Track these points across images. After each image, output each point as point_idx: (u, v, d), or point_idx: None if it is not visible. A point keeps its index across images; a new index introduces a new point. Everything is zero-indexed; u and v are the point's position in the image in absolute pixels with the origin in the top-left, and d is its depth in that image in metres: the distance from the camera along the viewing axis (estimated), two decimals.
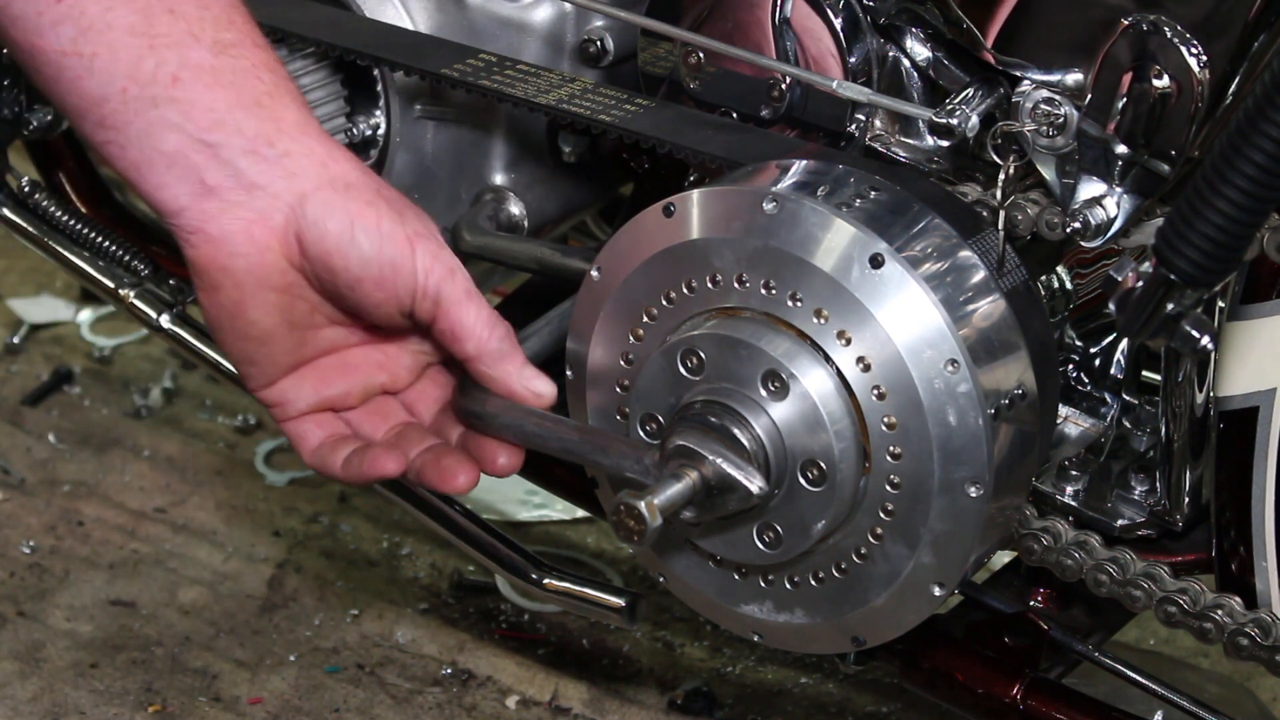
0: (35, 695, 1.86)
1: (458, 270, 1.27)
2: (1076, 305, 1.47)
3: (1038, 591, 1.52)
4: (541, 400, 1.30)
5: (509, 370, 1.29)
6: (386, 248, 1.24)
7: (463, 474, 1.29)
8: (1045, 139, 1.31)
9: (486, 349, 1.29)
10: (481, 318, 1.28)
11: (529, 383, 1.30)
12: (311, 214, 1.23)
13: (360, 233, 1.24)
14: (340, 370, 1.31)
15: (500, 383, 1.29)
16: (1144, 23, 1.26)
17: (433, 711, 1.87)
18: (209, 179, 1.21)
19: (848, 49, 1.41)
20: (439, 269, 1.26)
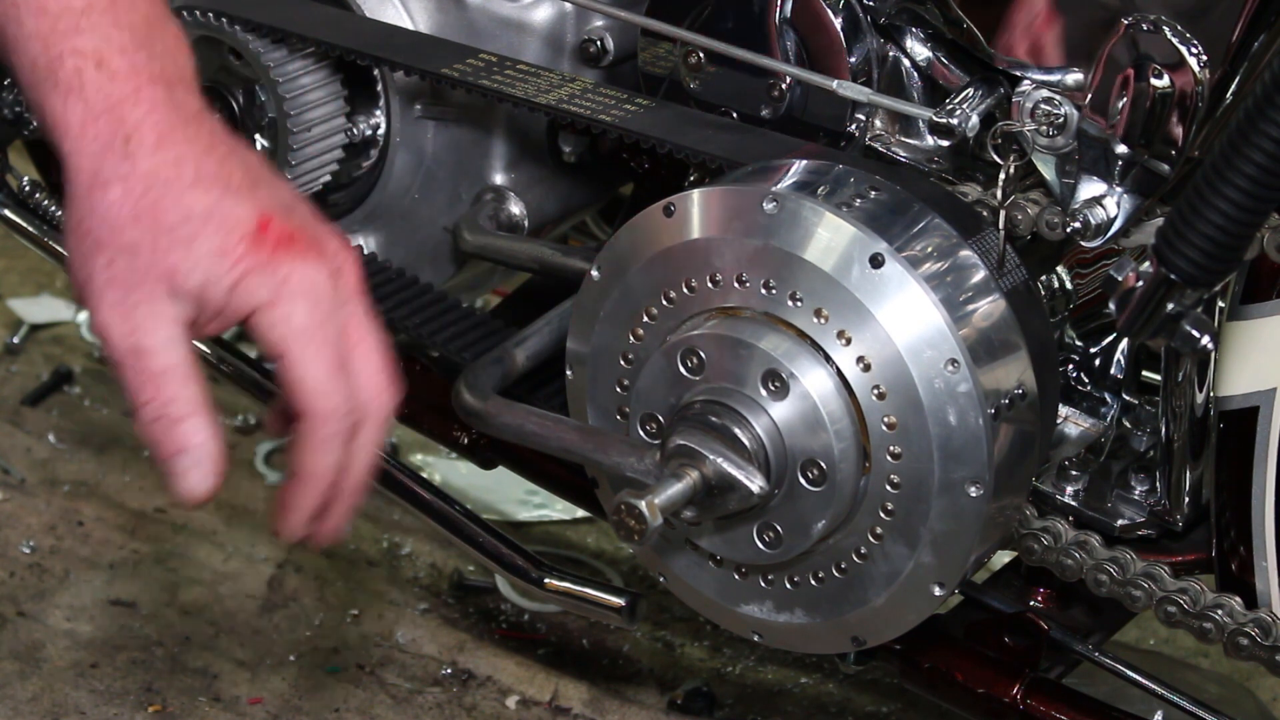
0: (35, 695, 1.86)
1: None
2: (1076, 305, 1.48)
3: (1038, 591, 1.52)
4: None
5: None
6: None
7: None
8: (1045, 139, 1.31)
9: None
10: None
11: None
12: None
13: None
14: None
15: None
16: (1144, 23, 1.26)
17: (433, 711, 1.87)
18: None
19: (848, 49, 1.41)
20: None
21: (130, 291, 1.17)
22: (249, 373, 1.76)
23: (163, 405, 1.18)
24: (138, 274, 1.16)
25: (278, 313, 1.18)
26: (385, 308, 1.65)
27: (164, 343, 1.18)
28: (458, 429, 1.68)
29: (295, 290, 1.18)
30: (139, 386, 1.18)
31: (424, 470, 2.25)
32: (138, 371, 1.18)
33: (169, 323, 1.17)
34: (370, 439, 1.24)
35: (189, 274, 1.16)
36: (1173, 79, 1.26)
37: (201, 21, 1.64)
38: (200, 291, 1.17)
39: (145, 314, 1.17)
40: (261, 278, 1.17)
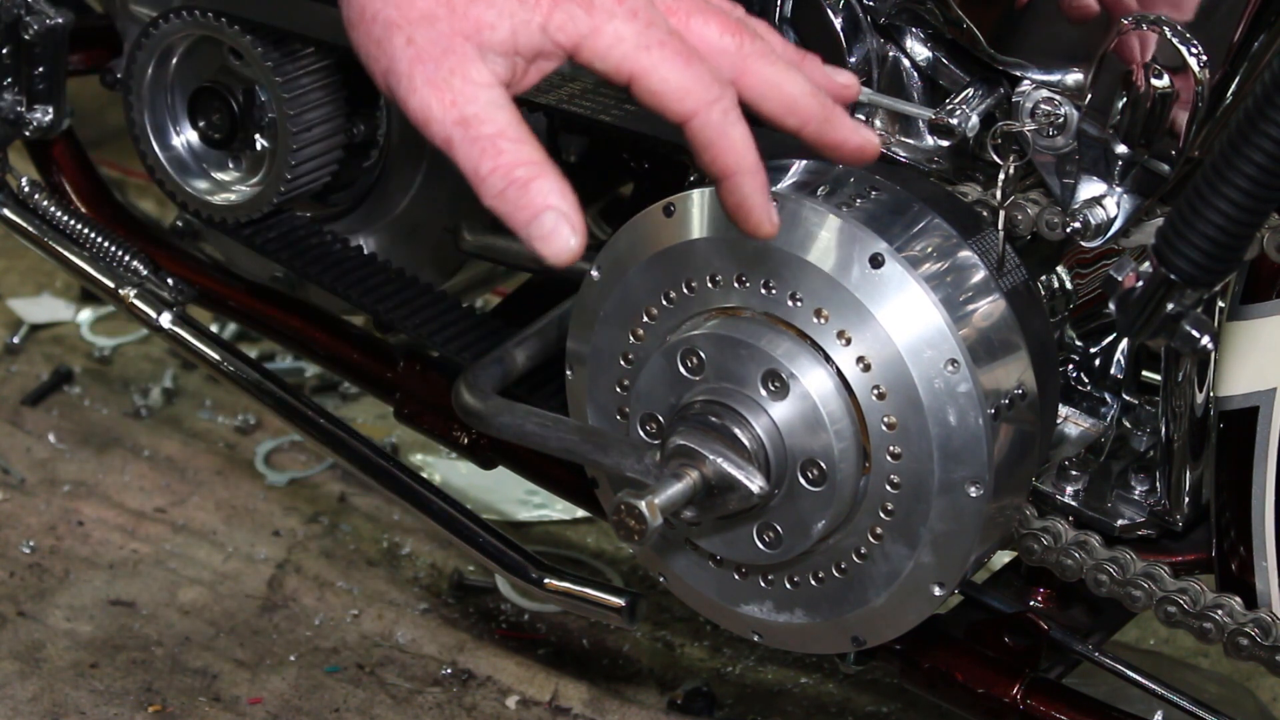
0: (35, 695, 1.86)
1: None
2: (1076, 305, 1.48)
3: (1038, 591, 1.52)
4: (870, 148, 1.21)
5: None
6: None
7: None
8: (1045, 139, 1.31)
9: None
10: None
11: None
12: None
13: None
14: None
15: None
16: (1144, 23, 1.26)
17: (433, 711, 1.87)
18: None
19: (848, 49, 1.41)
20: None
21: (440, 62, 1.12)
22: (249, 373, 1.76)
23: (508, 170, 1.12)
24: (442, 41, 1.12)
25: (605, 37, 1.13)
26: (385, 308, 1.65)
27: (489, 106, 1.12)
28: (458, 429, 1.68)
29: (610, 7, 1.13)
30: (477, 158, 1.12)
31: (424, 470, 2.25)
32: (470, 142, 1.12)
33: (488, 85, 1.12)
34: (768, 72, 1.18)
35: (495, 25, 1.12)
36: (1173, 79, 1.26)
37: (201, 21, 1.64)
38: (511, 41, 1.13)
39: (461, 81, 1.12)
40: (571, 8, 1.13)
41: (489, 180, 1.12)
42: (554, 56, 1.14)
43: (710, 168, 1.16)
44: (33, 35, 1.76)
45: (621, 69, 1.14)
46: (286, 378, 2.17)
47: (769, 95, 1.19)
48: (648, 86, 1.14)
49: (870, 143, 1.22)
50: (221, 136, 1.71)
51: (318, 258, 1.70)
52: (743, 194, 1.16)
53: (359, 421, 2.34)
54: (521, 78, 1.14)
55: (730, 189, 1.16)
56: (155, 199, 2.63)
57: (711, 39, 1.17)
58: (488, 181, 1.12)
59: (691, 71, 1.14)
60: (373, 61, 1.14)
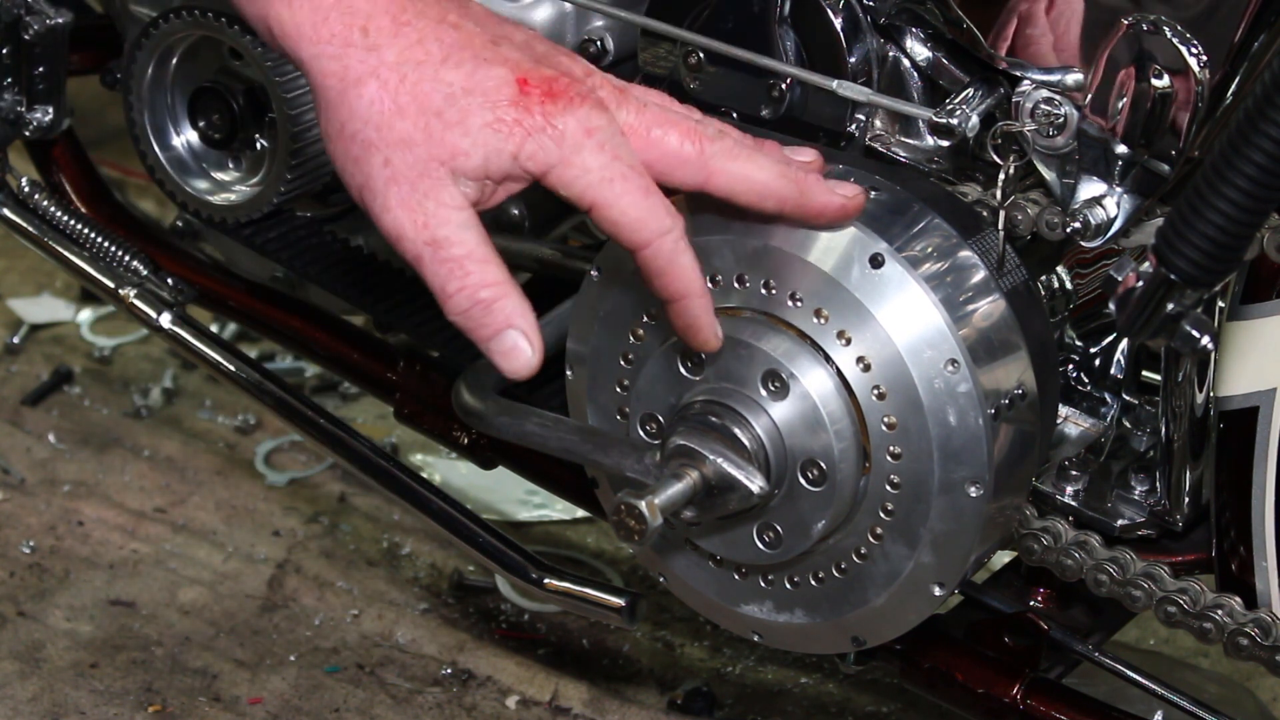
0: (35, 695, 1.86)
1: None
2: (1076, 305, 1.47)
3: (1038, 591, 1.52)
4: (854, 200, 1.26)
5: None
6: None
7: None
8: (1045, 139, 1.31)
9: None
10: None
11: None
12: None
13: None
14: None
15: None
16: (1144, 23, 1.26)
17: (433, 711, 1.87)
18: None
19: (848, 49, 1.41)
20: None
21: (415, 185, 1.16)
22: (249, 373, 1.76)
23: (473, 291, 1.18)
24: (418, 165, 1.16)
25: (572, 169, 1.18)
26: (385, 308, 1.65)
27: (459, 228, 1.17)
28: (458, 429, 1.68)
29: (579, 140, 1.18)
30: (445, 277, 1.17)
31: (424, 470, 2.25)
32: (439, 263, 1.17)
33: (459, 208, 1.17)
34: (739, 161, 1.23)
35: (469, 153, 1.16)
36: (1173, 79, 1.26)
37: (201, 21, 1.64)
38: (483, 167, 1.17)
39: (434, 204, 1.17)
40: (542, 139, 1.17)
41: (455, 299, 1.18)
42: (522, 180, 1.19)
43: (661, 292, 1.22)
44: (33, 35, 1.76)
45: (584, 198, 1.19)
46: (286, 378, 2.17)
47: (740, 189, 1.24)
48: (607, 216, 1.19)
49: (852, 197, 1.26)
50: (221, 136, 1.71)
51: (318, 258, 1.70)
52: (691, 315, 1.23)
53: (359, 421, 2.34)
54: (489, 198, 1.19)
55: (679, 311, 1.23)
56: (155, 199, 2.64)
57: (673, 148, 1.22)
58: (454, 299, 1.18)
59: (648, 204, 1.19)
60: (348, 176, 1.19)
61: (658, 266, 1.21)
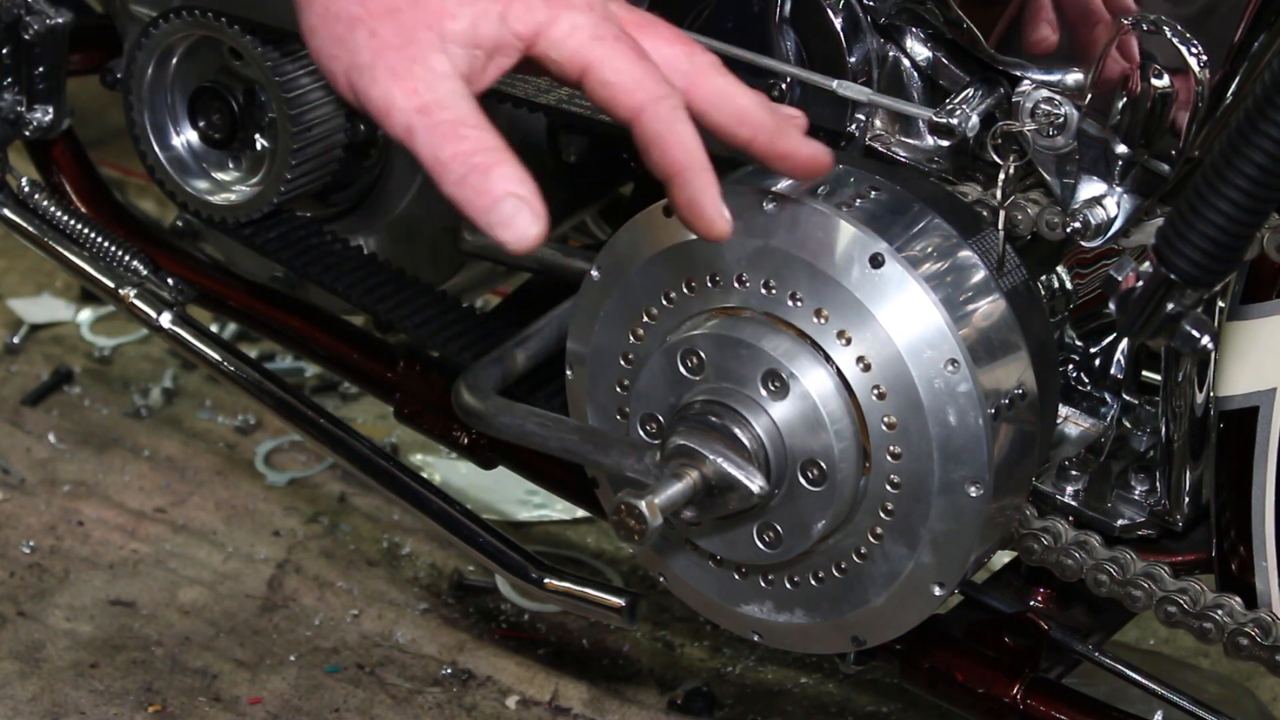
0: (35, 695, 1.86)
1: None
2: (1076, 305, 1.48)
3: (1038, 591, 1.52)
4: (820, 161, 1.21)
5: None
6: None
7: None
8: (1045, 139, 1.31)
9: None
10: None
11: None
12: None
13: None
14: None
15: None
16: (1144, 23, 1.26)
17: (433, 711, 1.87)
18: None
19: (848, 49, 1.41)
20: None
21: (403, 51, 1.12)
22: (249, 373, 1.76)
23: (469, 155, 1.11)
24: (405, 31, 1.13)
25: (562, 26, 1.14)
26: (385, 308, 1.65)
27: (451, 94, 1.13)
28: (458, 429, 1.68)
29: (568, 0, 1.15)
30: (439, 143, 1.12)
31: (424, 470, 2.25)
32: (431, 129, 1.12)
33: (449, 75, 1.13)
34: (719, 84, 1.19)
35: (456, 15, 1.13)
36: (1173, 79, 1.26)
37: (201, 21, 1.64)
38: (471, 31, 1.13)
39: (424, 69, 1.12)
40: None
41: (450, 166, 1.11)
42: (512, 51, 1.15)
43: (659, 164, 1.15)
44: (33, 35, 1.76)
45: (576, 59, 1.14)
46: (286, 378, 2.17)
47: (720, 105, 1.19)
48: (600, 77, 1.14)
49: (821, 154, 1.22)
50: (221, 136, 1.71)
51: (318, 258, 1.70)
52: (694, 189, 1.16)
53: (359, 421, 2.34)
54: (480, 73, 1.15)
55: (680, 186, 1.16)
56: (155, 199, 2.63)
57: (665, 50, 1.18)
58: (448, 167, 1.11)
59: (644, 65, 1.14)
60: (334, 61, 1.15)
61: (655, 132, 1.14)
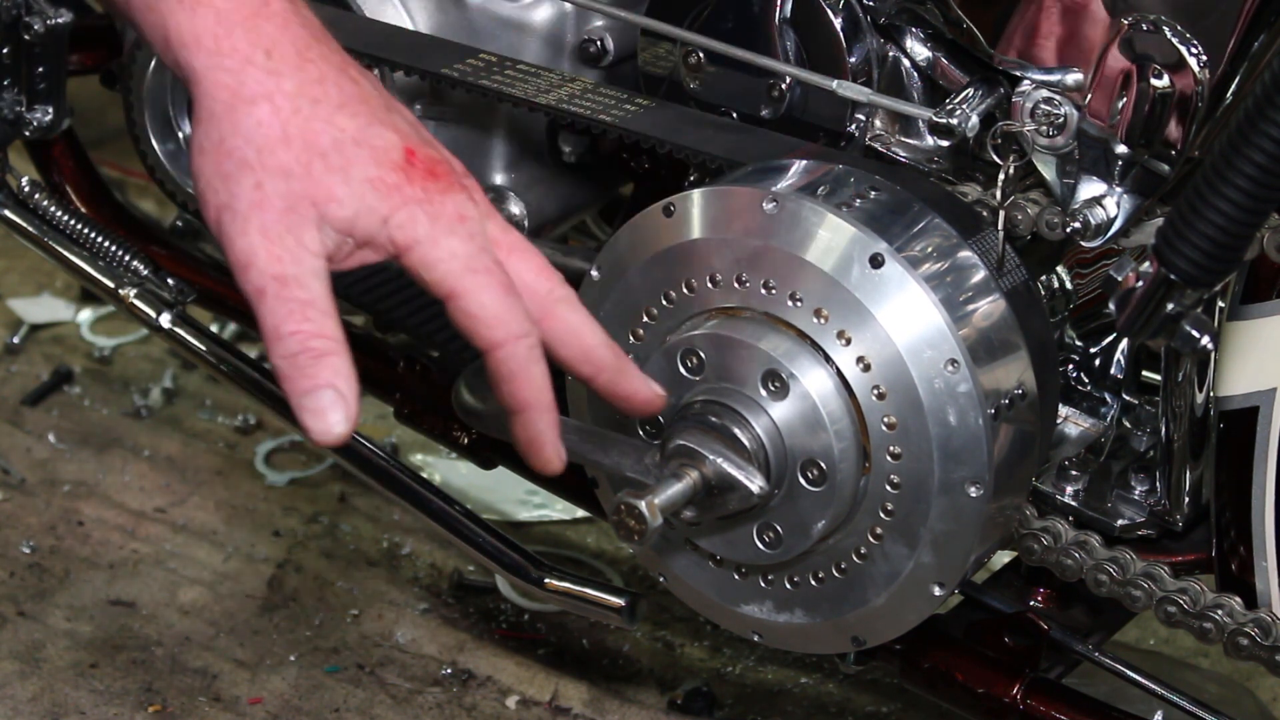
0: (35, 695, 1.86)
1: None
2: (1076, 305, 1.48)
3: (1038, 591, 1.52)
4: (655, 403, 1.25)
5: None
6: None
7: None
8: (1045, 139, 1.31)
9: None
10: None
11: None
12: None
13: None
14: None
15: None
16: (1144, 23, 1.26)
17: (433, 711, 1.87)
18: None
19: (848, 49, 1.41)
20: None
21: (281, 216, 1.12)
22: (249, 373, 1.76)
23: (307, 338, 1.12)
24: (291, 198, 1.12)
25: (439, 250, 1.15)
26: (385, 307, 1.65)
27: (310, 273, 1.13)
28: (458, 429, 1.68)
29: (451, 223, 1.15)
30: (284, 317, 1.12)
31: (424, 470, 2.25)
32: (283, 300, 1.12)
33: (316, 254, 1.13)
34: (575, 318, 1.21)
35: (344, 202, 1.13)
36: (1173, 79, 1.26)
37: None
38: (351, 222, 1.14)
39: (293, 242, 1.12)
40: (416, 212, 1.14)
41: (286, 341, 1.12)
42: (382, 251, 1.16)
43: (509, 399, 1.18)
44: (33, 35, 1.75)
45: (444, 283, 1.15)
46: None
47: (569, 341, 1.21)
48: (465, 308, 1.15)
49: (658, 396, 1.25)
50: None
51: None
52: (536, 429, 1.19)
53: (359, 421, 2.33)
54: (344, 258, 1.16)
55: (525, 423, 1.18)
56: (155, 199, 2.63)
57: (528, 279, 1.19)
58: (285, 341, 1.12)
59: (509, 301, 1.16)
60: (211, 192, 1.14)
61: (509, 370, 1.16)
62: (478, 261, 1.15)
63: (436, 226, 1.14)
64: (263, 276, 1.12)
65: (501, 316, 1.15)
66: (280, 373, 1.13)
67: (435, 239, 1.14)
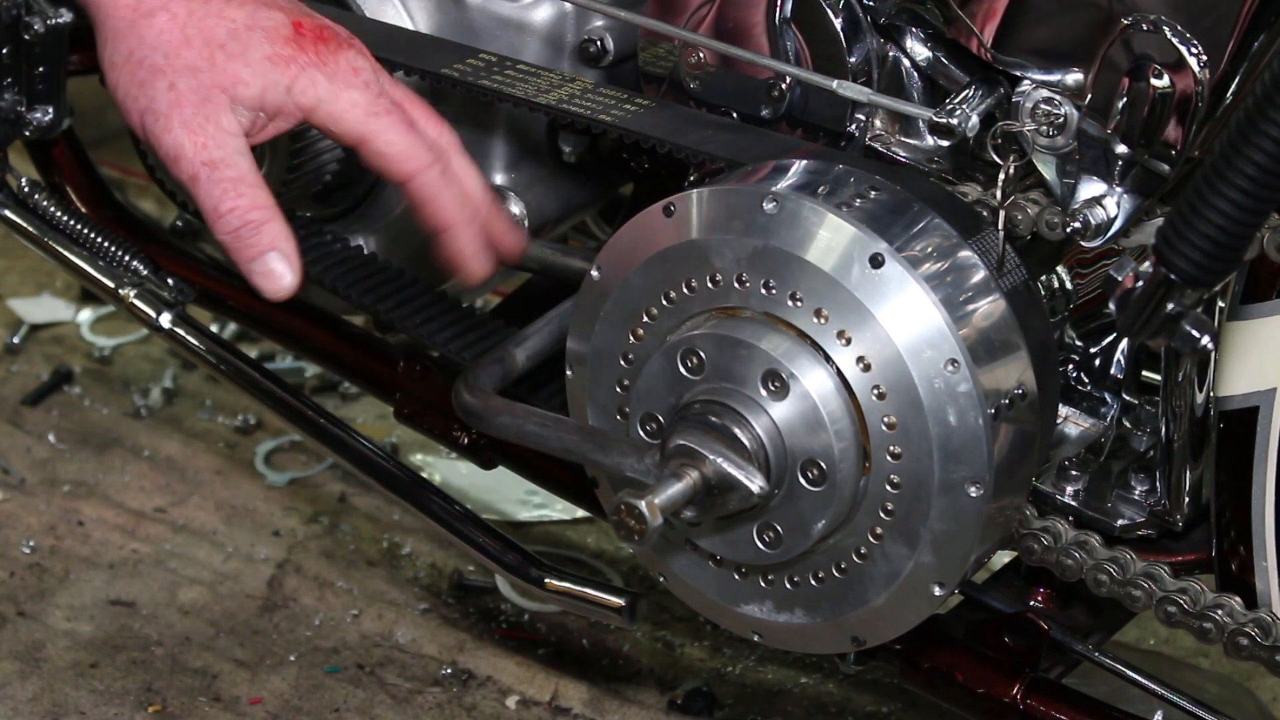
0: (35, 695, 1.86)
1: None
2: (1076, 305, 1.48)
3: (1038, 591, 1.52)
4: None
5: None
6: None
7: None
8: (1045, 139, 1.31)
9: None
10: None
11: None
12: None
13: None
14: None
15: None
16: (1144, 23, 1.26)
17: (433, 711, 1.87)
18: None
19: (848, 49, 1.41)
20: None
21: (198, 109, 1.27)
22: (249, 373, 1.76)
23: (245, 211, 1.28)
24: (202, 90, 1.27)
25: (341, 103, 1.31)
26: (385, 307, 1.65)
27: (234, 153, 1.28)
28: (458, 429, 1.68)
29: (348, 77, 1.31)
30: (219, 197, 1.28)
31: (424, 470, 2.25)
32: (215, 183, 1.28)
33: (235, 134, 1.28)
34: (462, 163, 1.36)
35: (249, 82, 1.28)
36: (1173, 79, 1.26)
37: None
38: (260, 98, 1.28)
39: (214, 128, 1.27)
40: (315, 74, 1.30)
41: (225, 218, 1.29)
42: (291, 118, 1.31)
43: (430, 222, 1.34)
44: (33, 35, 1.75)
45: (353, 131, 1.32)
46: (286, 378, 2.17)
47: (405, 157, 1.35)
48: (375, 149, 1.32)
49: (520, 241, 1.42)
50: None
51: (318, 258, 1.70)
52: (459, 244, 1.36)
53: (359, 421, 2.34)
54: (259, 131, 1.31)
55: (444, 241, 1.35)
56: (155, 199, 2.64)
57: (420, 126, 1.35)
58: (224, 219, 1.29)
59: (412, 137, 1.32)
60: (131, 101, 1.29)
61: (425, 196, 1.32)
62: (378, 105, 1.32)
63: (335, 83, 1.30)
64: (193, 165, 1.28)
65: (409, 150, 1.32)
66: (227, 247, 1.29)
67: (336, 94, 1.30)
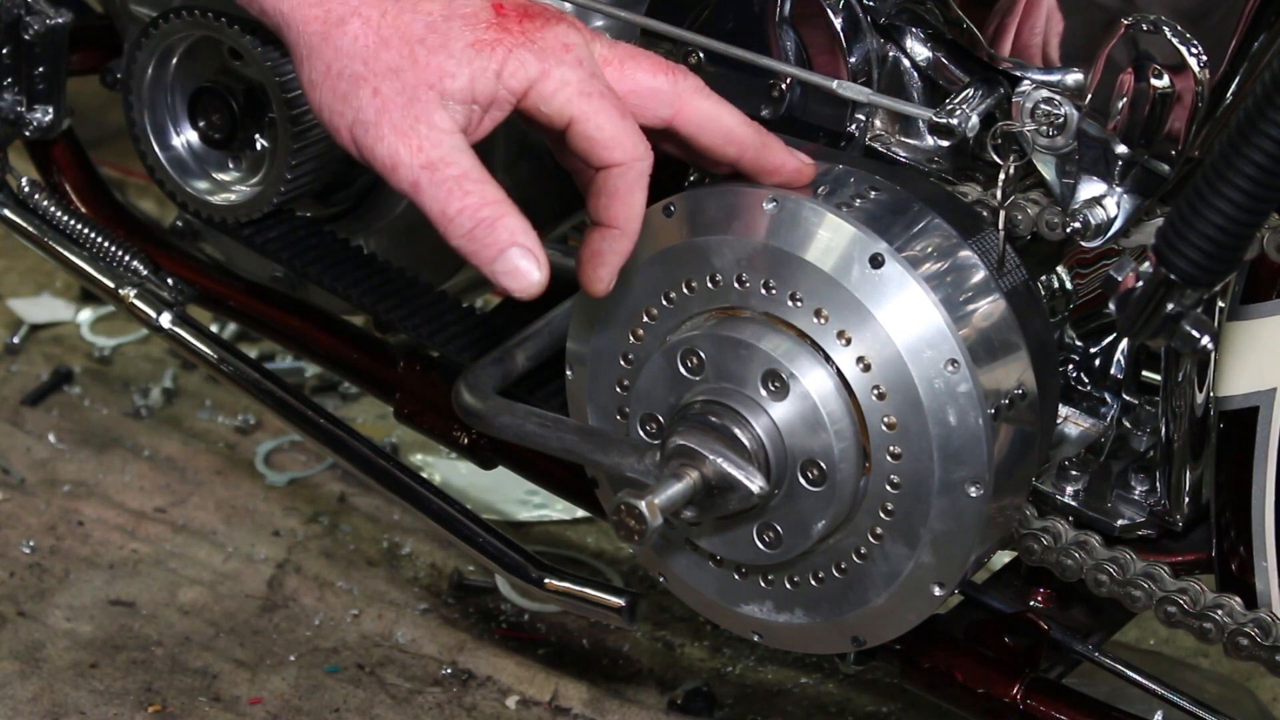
0: (35, 695, 1.86)
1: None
2: (1076, 305, 1.48)
3: (1038, 591, 1.52)
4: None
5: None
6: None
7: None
8: (1045, 139, 1.31)
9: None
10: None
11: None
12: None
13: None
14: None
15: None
16: (1144, 23, 1.26)
17: (433, 711, 1.87)
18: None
19: (848, 49, 1.41)
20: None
21: (406, 110, 1.19)
22: (249, 373, 1.76)
23: (475, 210, 1.19)
24: (407, 91, 1.19)
25: (551, 82, 1.21)
26: (385, 307, 1.65)
27: (453, 150, 1.20)
28: (458, 429, 1.68)
29: (558, 53, 1.21)
30: (445, 199, 1.19)
31: (424, 470, 2.25)
32: (438, 185, 1.19)
33: (450, 131, 1.20)
34: (710, 102, 1.28)
35: (455, 74, 1.19)
36: (1173, 79, 1.26)
37: (201, 21, 1.64)
38: (470, 88, 1.20)
39: (427, 128, 1.19)
40: (522, 55, 1.21)
41: (457, 220, 1.19)
42: (505, 105, 1.22)
43: (602, 213, 1.24)
44: (33, 35, 1.76)
45: (564, 112, 1.22)
46: (286, 378, 2.17)
47: (707, 126, 1.27)
48: (583, 131, 1.22)
49: (807, 164, 1.30)
50: (221, 136, 1.70)
51: (318, 258, 1.70)
52: (610, 247, 1.25)
53: (359, 421, 2.34)
54: (477, 126, 1.22)
55: (603, 236, 1.24)
56: (155, 199, 2.63)
57: (645, 81, 1.26)
58: (455, 221, 1.19)
59: (625, 123, 1.23)
60: (337, 117, 1.21)
61: (615, 187, 1.23)
62: (590, 85, 1.22)
63: (546, 61, 1.21)
64: (411, 170, 1.19)
65: (619, 138, 1.22)
66: (464, 253, 1.20)
67: (547, 72, 1.21)
